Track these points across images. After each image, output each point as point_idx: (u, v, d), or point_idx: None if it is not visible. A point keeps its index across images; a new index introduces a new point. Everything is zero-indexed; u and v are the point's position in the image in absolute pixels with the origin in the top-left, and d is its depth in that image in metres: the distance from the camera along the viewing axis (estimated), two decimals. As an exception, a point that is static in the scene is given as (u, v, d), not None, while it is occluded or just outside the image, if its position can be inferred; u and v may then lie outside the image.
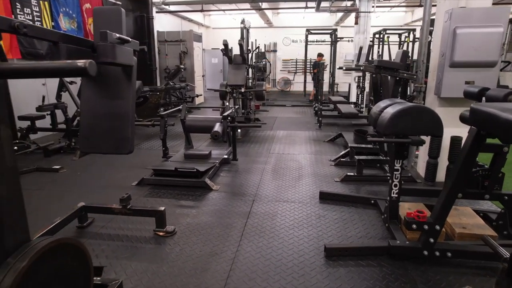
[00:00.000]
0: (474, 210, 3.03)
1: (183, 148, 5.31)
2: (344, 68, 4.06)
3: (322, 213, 3.26)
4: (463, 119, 2.60)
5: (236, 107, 5.77)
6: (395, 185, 2.86)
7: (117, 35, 2.10)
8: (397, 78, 3.84)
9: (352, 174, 4.16)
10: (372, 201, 3.43)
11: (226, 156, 4.83)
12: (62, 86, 5.77)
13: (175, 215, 3.23)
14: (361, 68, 3.74)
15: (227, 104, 6.85)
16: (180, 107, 5.13)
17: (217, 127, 4.20)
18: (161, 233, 2.86)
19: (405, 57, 3.88)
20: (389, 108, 2.68)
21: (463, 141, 3.91)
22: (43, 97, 5.38)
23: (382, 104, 2.95)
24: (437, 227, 2.31)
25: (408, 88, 5.24)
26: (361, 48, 7.12)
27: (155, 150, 5.57)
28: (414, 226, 2.34)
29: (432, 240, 2.34)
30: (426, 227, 2.32)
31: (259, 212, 3.30)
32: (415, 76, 3.83)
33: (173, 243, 2.73)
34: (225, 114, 4.52)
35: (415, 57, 6.45)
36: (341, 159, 4.82)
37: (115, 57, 2.17)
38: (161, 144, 4.97)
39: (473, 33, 3.39)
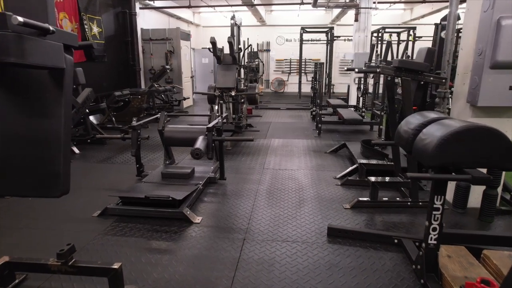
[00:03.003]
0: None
1: (162, 163, 4.53)
2: (356, 70, 3.38)
3: (333, 260, 2.50)
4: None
5: (225, 115, 4.99)
6: (434, 229, 2.12)
7: (21, 19, 1.31)
8: (421, 83, 3.11)
9: (365, 199, 3.42)
10: (396, 241, 2.69)
11: (212, 175, 4.05)
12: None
13: (141, 265, 2.44)
14: (378, 70, 2.99)
15: (215, 110, 6.08)
16: (158, 115, 4.34)
17: (199, 143, 3.42)
18: (115, 299, 2.07)
19: (430, 56, 3.15)
20: (430, 127, 1.94)
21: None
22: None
23: (414, 120, 2.20)
24: (515, 308, 1.56)
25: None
26: (373, 46, 6.38)
27: (130, 165, 4.76)
28: (478, 304, 1.60)
29: (505, 325, 1.60)
30: (497, 307, 1.58)
31: (252, 258, 2.52)
32: (444, 80, 3.10)
33: (130, 318, 1.95)
34: (210, 125, 3.74)
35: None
36: (348, 178, 4.07)
37: (22, 55, 1.38)
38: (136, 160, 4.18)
39: (523, 25, 2.67)
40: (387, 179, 3.49)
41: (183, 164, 4.62)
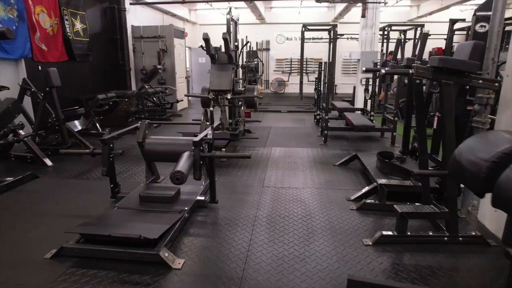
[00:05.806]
0: None
1: (144, 180, 3.84)
2: (383, 71, 2.76)
3: (360, 335, 1.81)
4: None
5: (217, 123, 4.31)
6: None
7: None
8: (467, 87, 2.42)
9: (390, 233, 2.73)
10: (442, 301, 2.00)
11: (201, 198, 3.35)
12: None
13: None
14: (410, 72, 2.31)
15: (209, 115, 5.38)
16: (137, 124, 3.66)
17: (182, 164, 2.71)
18: None
19: (478, 53, 2.45)
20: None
21: None
22: None
23: (480, 145, 1.52)
24: None
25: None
26: (399, 41, 5.66)
27: (107, 181, 4.03)
28: None
29: None
30: None
31: (247, 332, 1.84)
32: (497, 84, 2.41)
33: None
34: (197, 138, 3.05)
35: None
36: (366, 201, 3.38)
37: None
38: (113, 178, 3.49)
39: None
40: (413, 207, 2.79)
41: (167, 182, 3.92)
